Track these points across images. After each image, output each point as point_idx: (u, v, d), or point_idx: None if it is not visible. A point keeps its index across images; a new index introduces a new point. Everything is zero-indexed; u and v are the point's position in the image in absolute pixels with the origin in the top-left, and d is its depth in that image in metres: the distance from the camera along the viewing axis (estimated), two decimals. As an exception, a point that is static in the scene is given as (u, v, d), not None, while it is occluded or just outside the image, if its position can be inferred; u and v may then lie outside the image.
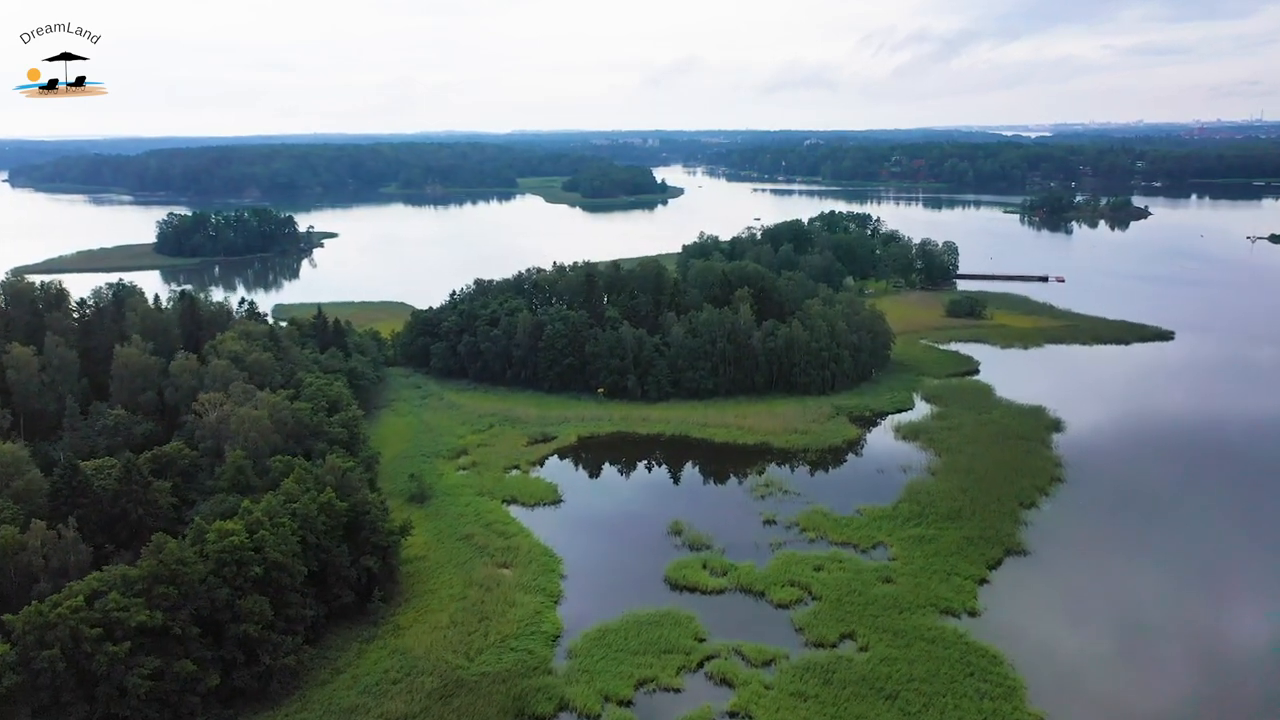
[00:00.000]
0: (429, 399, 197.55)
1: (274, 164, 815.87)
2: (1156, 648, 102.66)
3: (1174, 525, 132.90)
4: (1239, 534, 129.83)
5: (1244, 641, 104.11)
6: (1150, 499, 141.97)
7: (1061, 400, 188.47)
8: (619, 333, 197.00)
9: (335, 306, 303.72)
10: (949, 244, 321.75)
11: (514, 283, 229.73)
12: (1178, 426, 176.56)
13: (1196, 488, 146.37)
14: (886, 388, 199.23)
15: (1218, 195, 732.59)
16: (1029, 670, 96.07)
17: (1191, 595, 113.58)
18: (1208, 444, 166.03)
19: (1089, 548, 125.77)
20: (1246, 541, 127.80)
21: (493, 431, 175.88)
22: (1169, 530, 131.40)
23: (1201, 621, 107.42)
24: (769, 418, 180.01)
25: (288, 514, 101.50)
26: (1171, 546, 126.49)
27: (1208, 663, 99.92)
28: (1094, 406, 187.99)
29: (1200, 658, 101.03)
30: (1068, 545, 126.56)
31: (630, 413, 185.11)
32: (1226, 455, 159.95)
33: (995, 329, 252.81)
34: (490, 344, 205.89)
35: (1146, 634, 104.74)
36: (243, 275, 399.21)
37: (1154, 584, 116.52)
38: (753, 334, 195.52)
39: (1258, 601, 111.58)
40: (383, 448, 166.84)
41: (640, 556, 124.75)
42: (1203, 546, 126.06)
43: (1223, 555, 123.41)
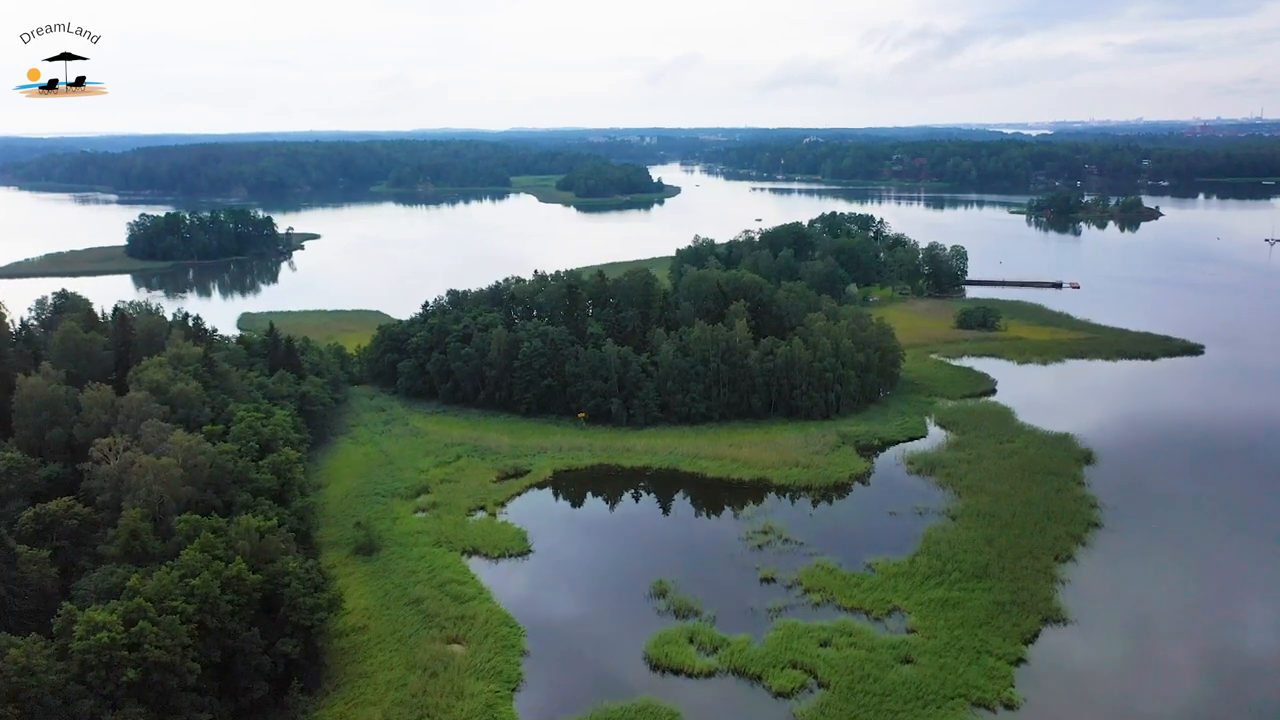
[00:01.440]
0: (393, 424, 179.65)
1: (262, 162, 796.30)
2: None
3: (1232, 580, 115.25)
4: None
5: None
6: (1202, 549, 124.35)
7: (1089, 426, 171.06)
8: (602, 351, 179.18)
9: (307, 315, 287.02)
10: (957, 248, 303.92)
11: (490, 294, 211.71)
12: (1222, 455, 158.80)
13: (1253, 531, 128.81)
14: (896, 411, 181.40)
15: (1225, 195, 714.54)
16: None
17: (1266, 671, 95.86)
18: (1258, 476, 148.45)
19: (1137, 613, 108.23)
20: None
21: (459, 464, 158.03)
22: (1227, 588, 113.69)
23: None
24: (767, 447, 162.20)
25: (183, 594, 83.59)
26: (1232, 608, 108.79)
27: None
28: (1126, 434, 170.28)
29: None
30: (1113, 610, 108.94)
31: (613, 442, 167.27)
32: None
33: (1010, 342, 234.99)
34: (461, 363, 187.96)
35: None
36: (216, 280, 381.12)
37: (1217, 659, 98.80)
38: (749, 353, 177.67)
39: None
40: (334, 483, 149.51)
41: (617, 626, 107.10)
42: (1269, 606, 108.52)
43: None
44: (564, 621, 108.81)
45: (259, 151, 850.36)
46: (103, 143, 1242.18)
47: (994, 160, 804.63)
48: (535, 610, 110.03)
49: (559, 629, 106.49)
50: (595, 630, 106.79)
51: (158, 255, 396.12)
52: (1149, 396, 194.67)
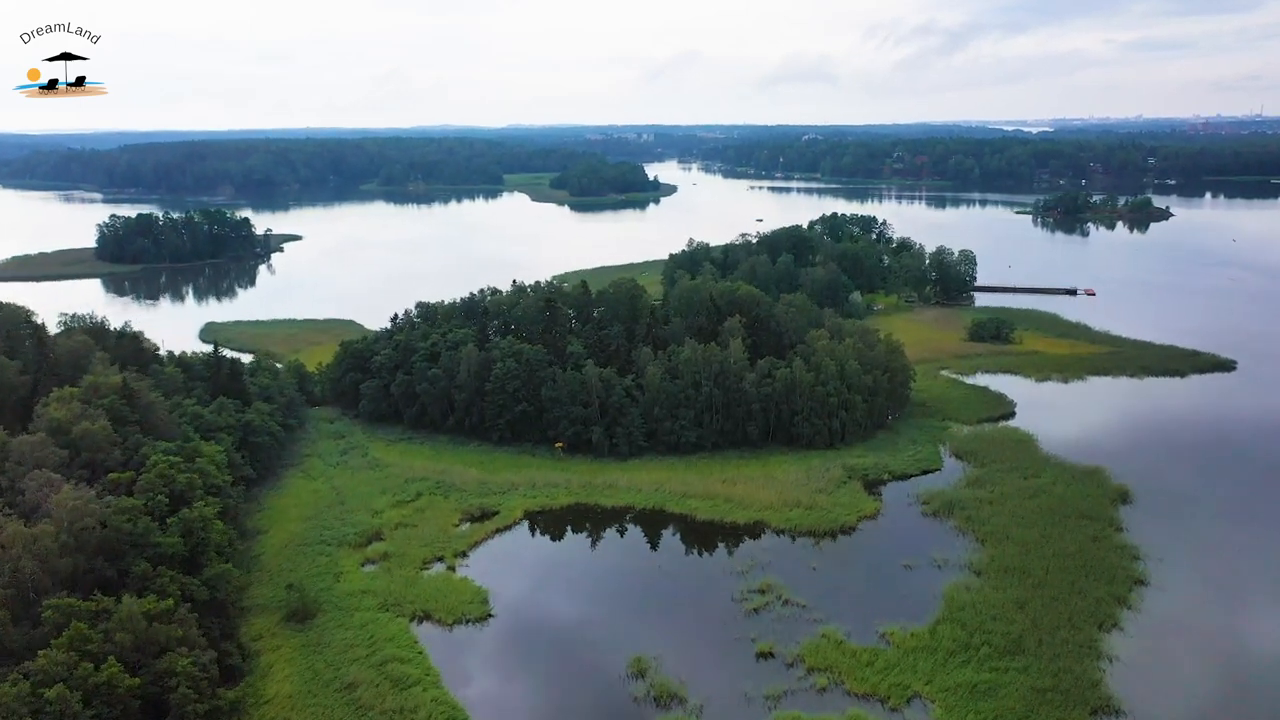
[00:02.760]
0: (351, 454, 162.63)
1: (249, 160, 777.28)
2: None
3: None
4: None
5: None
6: (1263, 609, 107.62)
7: (1121, 457, 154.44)
8: (582, 373, 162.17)
9: (275, 326, 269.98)
10: (966, 253, 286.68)
11: (464, 307, 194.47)
12: (1273, 491, 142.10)
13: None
14: (907, 439, 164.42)
15: (1233, 193, 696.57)
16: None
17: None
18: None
19: (1197, 701, 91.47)
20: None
21: (420, 504, 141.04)
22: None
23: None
24: (764, 483, 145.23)
25: (31, 711, 66.53)
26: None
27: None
28: (1163, 466, 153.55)
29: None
30: (1170, 697, 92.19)
31: (593, 476, 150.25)
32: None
33: (1026, 357, 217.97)
34: (428, 385, 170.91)
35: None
36: (190, 284, 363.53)
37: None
38: (745, 375, 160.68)
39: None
40: (276, 528, 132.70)
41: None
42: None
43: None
44: (523, 714, 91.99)
45: (247, 149, 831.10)
46: (96, 140, 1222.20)
47: (997, 158, 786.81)
48: (490, 697, 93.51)
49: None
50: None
51: (128, 258, 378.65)
52: (1183, 421, 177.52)
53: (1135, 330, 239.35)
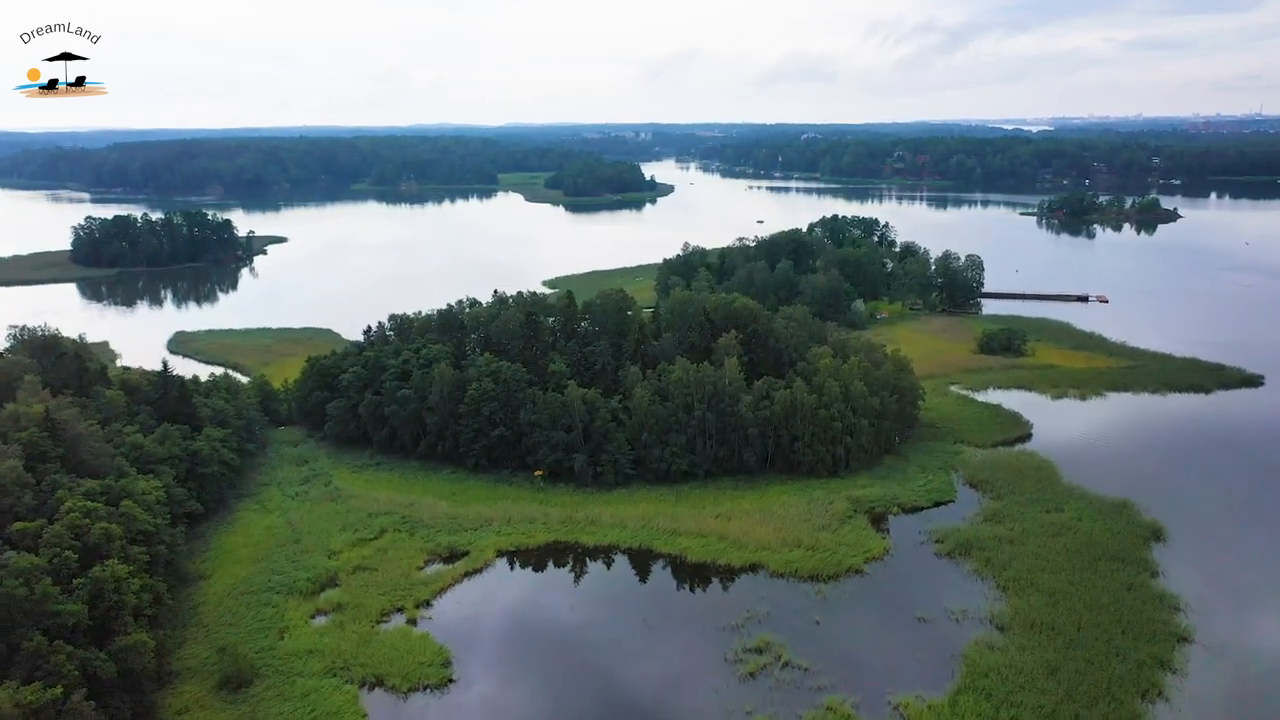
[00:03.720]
0: (312, 483, 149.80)
1: (239, 159, 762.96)
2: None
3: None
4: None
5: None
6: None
7: (1150, 486, 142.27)
8: (564, 395, 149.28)
9: (249, 335, 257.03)
10: (972, 258, 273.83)
11: (440, 320, 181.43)
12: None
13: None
14: (917, 466, 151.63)
15: (1239, 194, 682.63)
16: None
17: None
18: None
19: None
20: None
21: (382, 543, 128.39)
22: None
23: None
24: (761, 519, 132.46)
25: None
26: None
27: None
28: (1195, 496, 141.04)
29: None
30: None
31: (575, 509, 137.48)
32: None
33: (1040, 371, 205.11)
34: (398, 407, 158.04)
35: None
36: (168, 289, 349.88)
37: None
38: (741, 398, 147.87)
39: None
40: (221, 572, 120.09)
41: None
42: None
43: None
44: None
45: (238, 148, 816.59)
46: (90, 138, 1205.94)
47: (999, 158, 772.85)
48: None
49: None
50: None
51: (104, 262, 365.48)
52: (1213, 443, 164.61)
53: (1153, 340, 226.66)
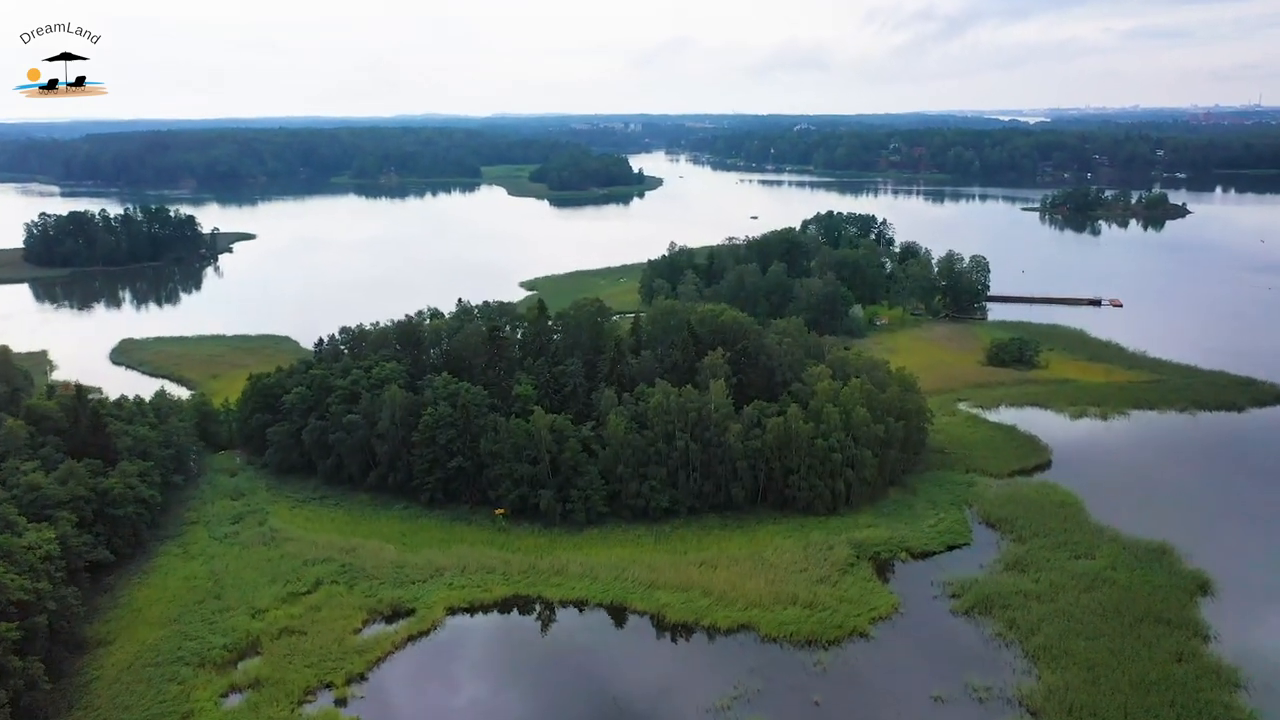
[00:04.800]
0: (246, 521, 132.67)
1: (214, 151, 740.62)
2: None
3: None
4: None
5: None
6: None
7: (1188, 525, 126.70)
8: (529, 422, 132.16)
9: (201, 343, 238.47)
10: (978, 259, 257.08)
11: (397, 332, 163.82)
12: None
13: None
14: (925, 501, 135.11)
15: (1245, 188, 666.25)
16: None
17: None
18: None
19: None
20: None
21: (317, 597, 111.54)
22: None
23: None
24: (752, 567, 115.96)
25: None
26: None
27: None
28: (1241, 537, 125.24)
29: None
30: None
31: (539, 555, 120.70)
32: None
33: (1056, 386, 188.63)
34: (344, 434, 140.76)
35: None
36: (128, 289, 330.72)
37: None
38: (729, 426, 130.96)
39: None
40: (126, 636, 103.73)
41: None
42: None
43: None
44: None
45: (213, 139, 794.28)
46: (67, 129, 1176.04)
47: (997, 150, 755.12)
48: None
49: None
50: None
51: (57, 261, 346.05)
52: (1252, 471, 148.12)
53: (1174, 349, 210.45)
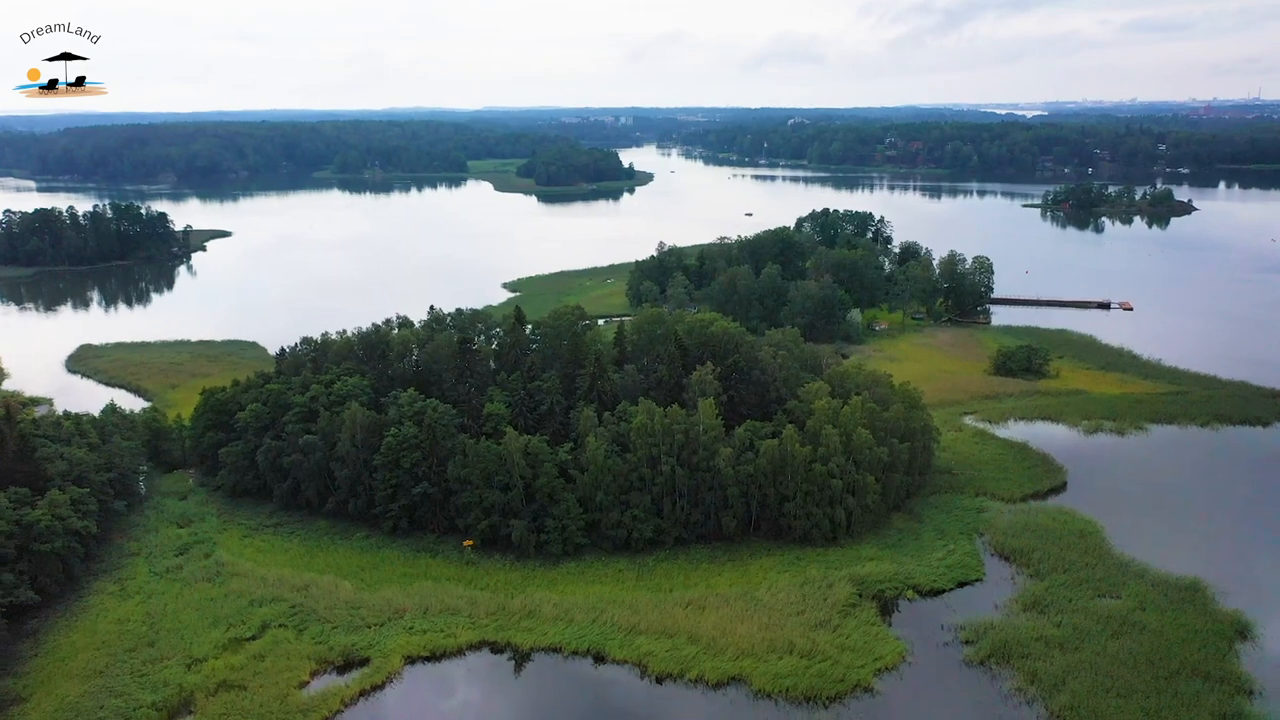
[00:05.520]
0: (191, 553, 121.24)
1: (194, 145, 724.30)
2: None
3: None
4: None
5: None
6: None
7: (1219, 556, 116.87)
8: (501, 446, 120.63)
9: (164, 349, 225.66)
10: (981, 260, 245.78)
11: (361, 343, 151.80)
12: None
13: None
14: (933, 530, 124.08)
15: (1249, 183, 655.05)
16: None
17: None
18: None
19: None
20: None
21: (263, 644, 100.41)
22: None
23: None
24: (744, 608, 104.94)
25: None
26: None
27: None
28: (1277, 570, 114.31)
29: None
30: None
31: (510, 594, 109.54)
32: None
33: (1068, 398, 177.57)
34: (300, 456, 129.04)
35: None
36: (97, 289, 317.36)
37: None
38: (718, 449, 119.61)
39: None
40: (45, 690, 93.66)
41: None
42: None
43: None
44: None
45: (194, 133, 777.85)
46: (47, 122, 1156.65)
47: (996, 145, 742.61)
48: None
49: None
50: None
51: (22, 259, 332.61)
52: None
53: (1190, 357, 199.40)
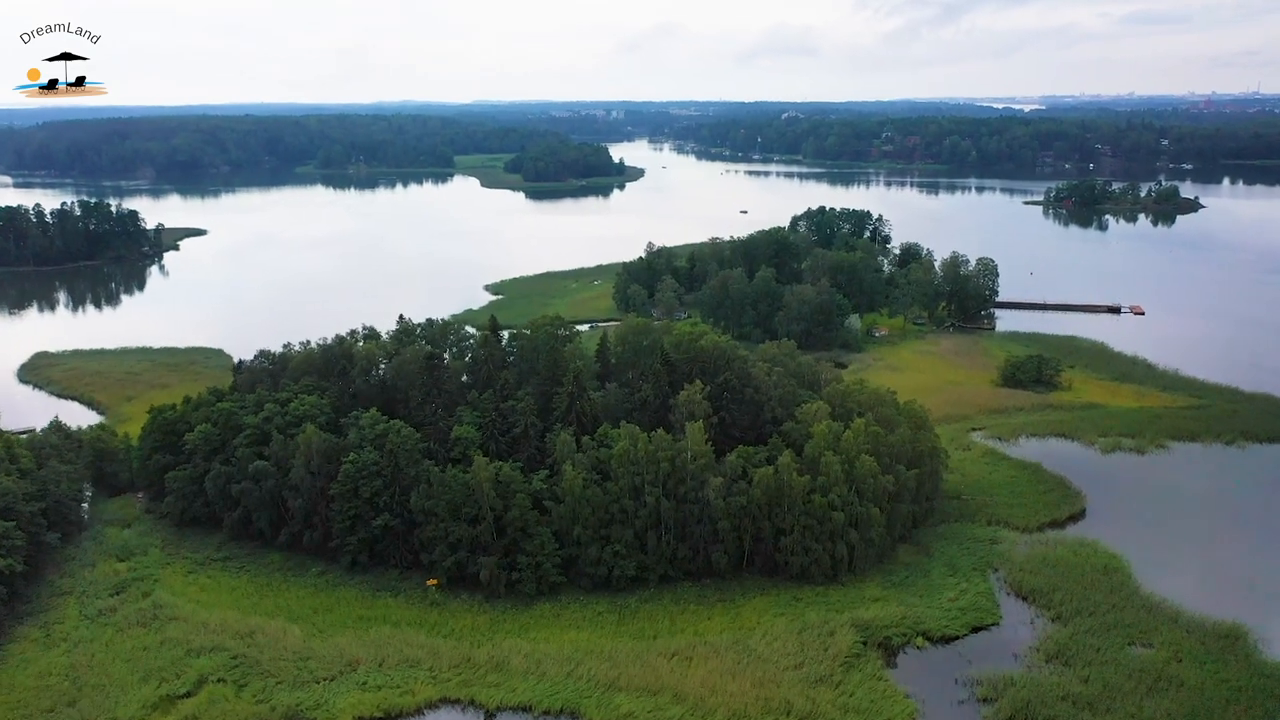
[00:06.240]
0: (129, 592, 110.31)
1: (174, 139, 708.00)
2: None
3: None
4: None
5: None
6: None
7: (1259, 597, 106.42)
8: (468, 475, 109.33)
9: (124, 356, 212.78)
10: (985, 262, 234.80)
11: (322, 357, 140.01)
12: None
13: None
14: (943, 565, 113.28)
15: (1253, 179, 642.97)
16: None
17: None
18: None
19: None
20: None
21: (197, 703, 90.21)
22: None
23: None
24: (735, 660, 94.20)
25: None
26: None
27: None
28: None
29: None
30: None
31: (476, 642, 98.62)
32: None
33: (1082, 412, 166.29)
34: (252, 483, 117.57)
35: None
36: (62, 292, 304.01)
37: None
38: (707, 478, 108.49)
39: None
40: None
41: None
42: None
43: None
44: None
45: (175, 127, 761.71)
46: (25, 115, 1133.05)
47: (995, 140, 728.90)
48: None
49: None
50: None
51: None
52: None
53: (1208, 367, 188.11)
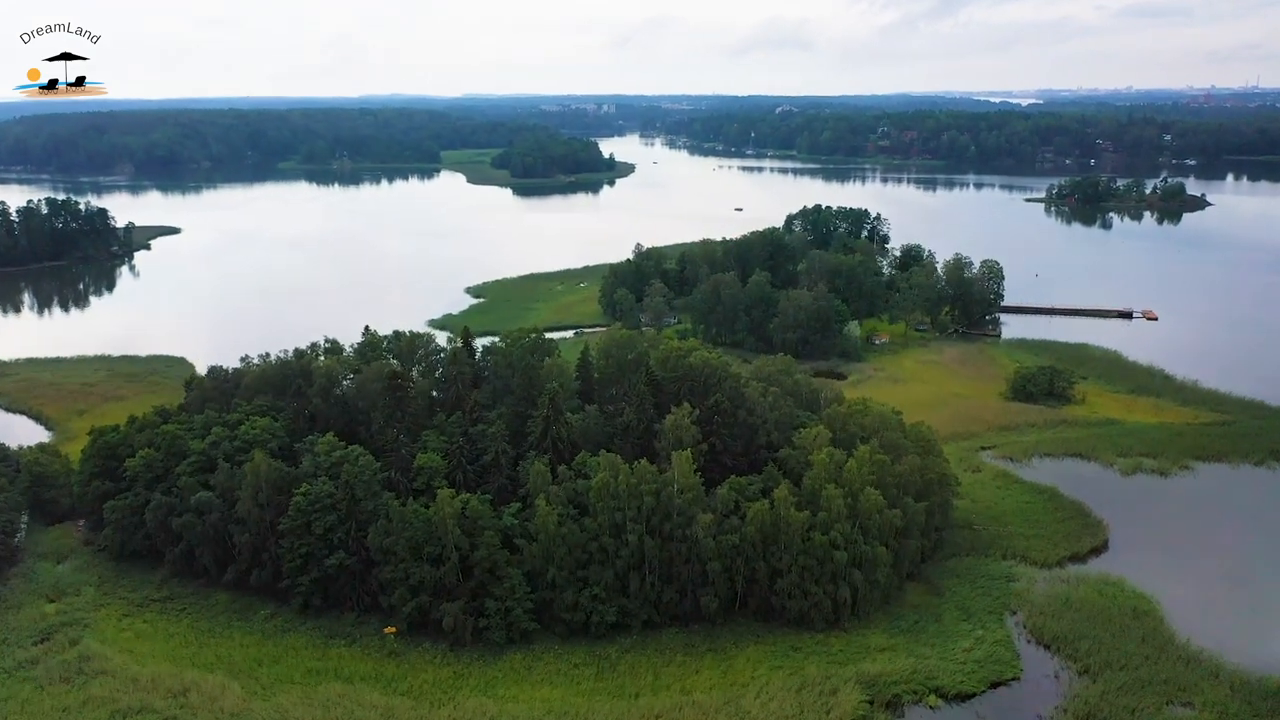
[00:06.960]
0: (55, 639, 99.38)
1: (154, 134, 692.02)
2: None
3: None
4: None
5: None
6: None
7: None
8: (430, 512, 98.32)
9: (80, 365, 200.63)
10: (990, 265, 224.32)
11: (278, 374, 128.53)
12: None
13: None
14: (955, 607, 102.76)
15: (1257, 175, 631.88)
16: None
17: None
18: None
19: None
20: None
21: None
22: None
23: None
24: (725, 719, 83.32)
25: None
26: None
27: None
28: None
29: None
30: None
31: (438, 701, 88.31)
32: None
33: (1098, 429, 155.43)
34: (195, 516, 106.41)
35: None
36: (27, 293, 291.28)
37: None
38: (696, 513, 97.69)
39: None
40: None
41: None
42: None
43: None
44: None
45: (155, 121, 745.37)
46: (2, 109, 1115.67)
47: (994, 134, 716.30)
48: None
49: None
50: None
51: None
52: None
53: (1229, 378, 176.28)
